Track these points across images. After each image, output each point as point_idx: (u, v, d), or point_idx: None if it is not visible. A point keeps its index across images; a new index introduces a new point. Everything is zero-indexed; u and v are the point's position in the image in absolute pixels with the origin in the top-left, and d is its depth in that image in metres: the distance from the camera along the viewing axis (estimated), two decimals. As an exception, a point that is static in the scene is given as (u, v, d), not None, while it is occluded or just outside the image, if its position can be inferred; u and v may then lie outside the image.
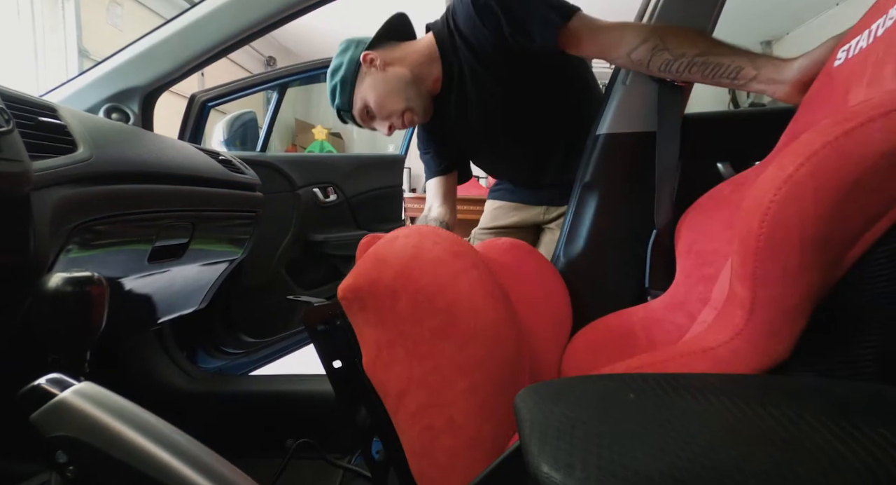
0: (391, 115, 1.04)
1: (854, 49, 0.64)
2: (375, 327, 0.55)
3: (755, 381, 0.39)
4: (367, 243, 0.71)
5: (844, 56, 0.66)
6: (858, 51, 0.63)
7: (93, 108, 1.00)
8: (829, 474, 0.24)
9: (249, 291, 1.31)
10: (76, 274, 0.51)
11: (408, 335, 0.54)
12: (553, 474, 0.26)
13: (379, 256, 0.55)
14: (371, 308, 0.55)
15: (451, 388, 0.52)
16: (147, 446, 0.41)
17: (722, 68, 0.75)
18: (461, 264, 0.56)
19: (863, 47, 0.62)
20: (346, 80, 1.04)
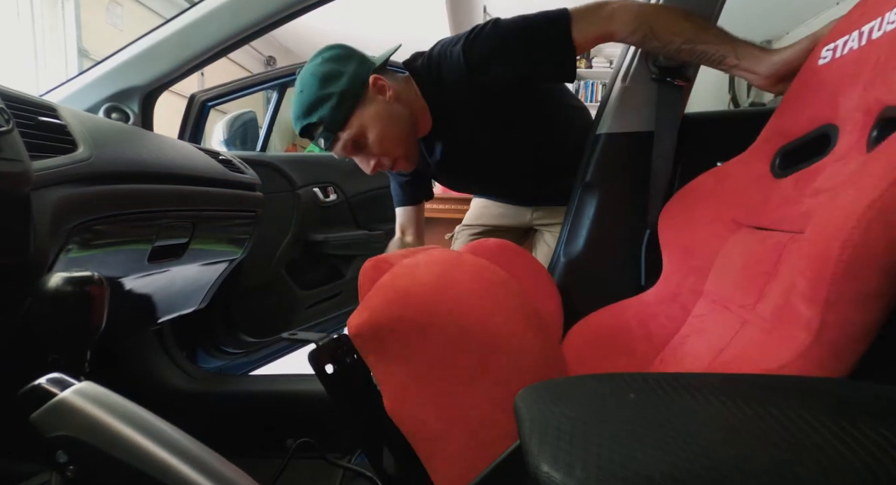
0: (385, 155, 0.94)
1: (842, 49, 0.64)
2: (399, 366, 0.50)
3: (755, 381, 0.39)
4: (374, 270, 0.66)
5: (830, 55, 0.66)
6: (848, 51, 0.63)
7: (93, 107, 1.00)
8: (830, 474, 0.24)
9: (249, 290, 1.31)
10: (76, 274, 0.51)
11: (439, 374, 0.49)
12: (553, 474, 0.26)
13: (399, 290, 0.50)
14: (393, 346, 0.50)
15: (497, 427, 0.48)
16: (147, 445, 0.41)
17: (707, 55, 0.80)
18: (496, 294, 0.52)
19: (853, 48, 0.62)
20: (347, 96, 0.88)
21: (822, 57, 0.68)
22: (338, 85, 0.88)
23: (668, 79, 0.94)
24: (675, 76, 0.93)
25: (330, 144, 0.91)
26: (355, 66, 0.90)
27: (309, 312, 1.46)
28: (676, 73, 0.93)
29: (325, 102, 0.88)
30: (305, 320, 1.47)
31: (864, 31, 0.59)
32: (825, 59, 0.67)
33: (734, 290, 0.70)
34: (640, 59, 0.96)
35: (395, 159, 0.95)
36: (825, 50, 0.67)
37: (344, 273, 1.55)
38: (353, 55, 0.92)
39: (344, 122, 0.89)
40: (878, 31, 0.57)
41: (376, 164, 0.95)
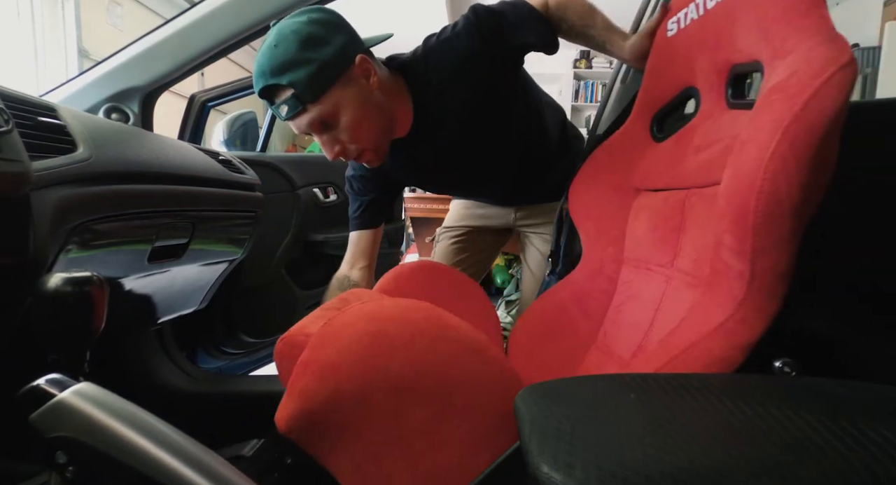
0: (353, 144, 0.85)
1: (685, 20, 0.71)
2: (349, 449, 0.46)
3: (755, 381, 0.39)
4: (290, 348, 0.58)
5: (676, 27, 0.73)
6: (690, 22, 0.70)
7: (93, 108, 1.00)
8: (829, 474, 0.24)
9: (249, 291, 1.31)
10: (76, 274, 0.51)
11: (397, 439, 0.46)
12: (553, 474, 0.26)
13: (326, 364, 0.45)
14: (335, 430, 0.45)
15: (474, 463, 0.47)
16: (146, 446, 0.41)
17: (593, 40, 0.88)
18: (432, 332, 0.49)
19: (694, 19, 0.69)
20: (328, 67, 0.78)
21: (668, 30, 0.75)
22: (321, 52, 0.78)
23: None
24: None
25: (293, 114, 0.80)
26: (345, 39, 0.81)
27: (309, 312, 1.46)
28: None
29: (302, 66, 0.76)
30: (305, 321, 1.47)
31: (699, 2, 0.67)
32: (672, 31, 0.74)
33: (650, 251, 0.74)
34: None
35: (363, 151, 0.88)
36: (670, 23, 0.74)
37: (344, 273, 1.55)
38: (343, 26, 0.82)
39: (318, 95, 0.79)
40: (711, 1, 0.65)
41: (340, 150, 0.86)
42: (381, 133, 0.88)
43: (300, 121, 0.81)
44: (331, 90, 0.79)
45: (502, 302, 2.47)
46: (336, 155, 0.86)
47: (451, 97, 0.90)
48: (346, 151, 0.87)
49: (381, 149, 0.90)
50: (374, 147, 0.88)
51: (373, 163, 0.91)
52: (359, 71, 0.82)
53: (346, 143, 0.85)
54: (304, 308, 1.44)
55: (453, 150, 0.98)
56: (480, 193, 1.23)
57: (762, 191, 0.41)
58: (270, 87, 0.78)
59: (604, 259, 0.89)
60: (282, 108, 0.80)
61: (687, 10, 0.70)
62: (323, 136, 0.84)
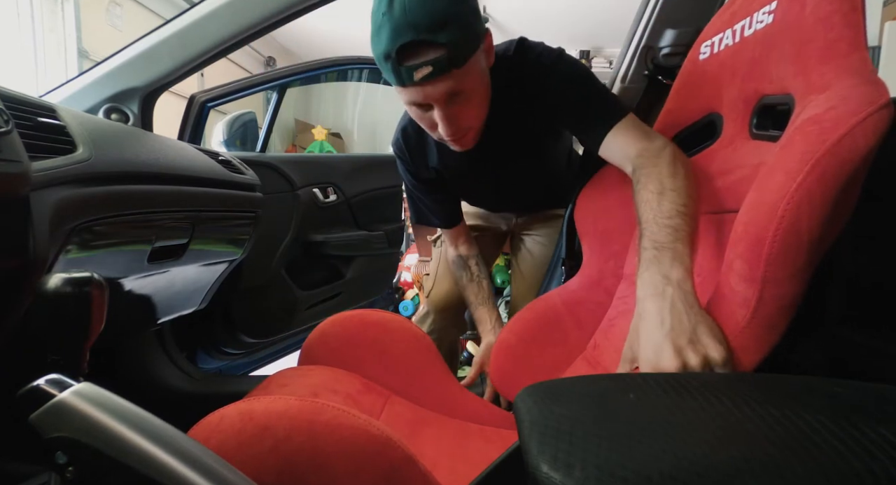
0: (470, 120, 0.80)
1: (719, 45, 0.70)
2: None
3: (755, 381, 0.39)
4: None
5: (709, 51, 0.72)
6: (724, 47, 0.69)
7: (92, 108, 1.00)
8: (830, 474, 0.24)
9: (249, 291, 1.31)
10: (75, 275, 0.51)
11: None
12: (553, 474, 0.26)
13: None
14: None
15: None
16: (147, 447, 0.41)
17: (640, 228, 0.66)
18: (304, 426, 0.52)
19: (729, 45, 0.68)
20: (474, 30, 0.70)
21: (701, 53, 0.74)
22: (470, 12, 0.69)
23: (660, 77, 0.94)
24: (667, 76, 0.94)
25: (434, 77, 0.68)
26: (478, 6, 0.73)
27: (309, 312, 1.46)
28: (668, 72, 0.94)
29: (456, 24, 0.65)
30: (305, 321, 1.47)
31: (737, 29, 0.66)
32: (705, 54, 0.73)
33: None
34: (640, 60, 0.96)
35: (469, 131, 0.82)
36: (704, 46, 0.73)
37: (344, 274, 1.55)
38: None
39: (465, 60, 0.69)
40: (749, 29, 0.63)
41: (455, 130, 0.78)
42: (485, 113, 0.84)
43: (435, 88, 0.70)
44: (474, 56, 0.71)
45: (502, 302, 2.47)
46: (449, 134, 0.78)
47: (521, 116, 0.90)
48: (459, 130, 0.79)
49: (478, 132, 0.86)
50: (479, 127, 0.84)
51: (467, 146, 0.86)
52: (487, 45, 0.76)
53: (462, 119, 0.78)
54: (303, 309, 1.44)
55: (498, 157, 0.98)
56: (497, 201, 1.23)
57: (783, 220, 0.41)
58: (418, 43, 0.66)
59: (604, 271, 0.89)
60: (421, 71, 0.67)
61: (723, 36, 0.69)
62: (445, 110, 0.75)
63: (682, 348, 0.46)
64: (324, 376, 0.82)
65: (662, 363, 0.46)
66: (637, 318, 0.54)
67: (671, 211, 0.59)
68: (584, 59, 4.79)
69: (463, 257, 1.16)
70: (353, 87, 4.85)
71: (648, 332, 0.50)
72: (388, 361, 0.92)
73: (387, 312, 1.00)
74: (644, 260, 0.57)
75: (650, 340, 0.49)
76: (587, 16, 4.01)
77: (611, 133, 0.79)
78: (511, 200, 1.19)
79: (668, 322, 0.48)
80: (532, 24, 4.26)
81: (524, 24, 4.25)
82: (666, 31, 0.94)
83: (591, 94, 0.83)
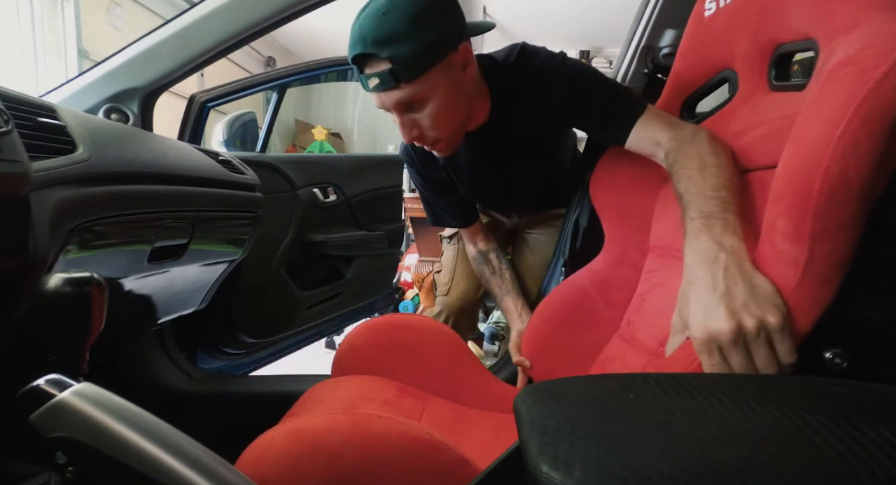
0: (433, 131, 0.83)
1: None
2: None
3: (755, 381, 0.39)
4: None
5: (714, 6, 0.70)
6: (731, 1, 0.67)
7: (92, 108, 1.00)
8: (830, 474, 0.24)
9: (249, 291, 1.31)
10: (75, 275, 0.51)
11: None
12: (553, 474, 0.26)
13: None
14: None
15: None
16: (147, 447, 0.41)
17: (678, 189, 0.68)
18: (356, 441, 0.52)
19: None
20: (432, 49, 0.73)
21: (706, 9, 0.71)
22: (431, 31, 0.73)
23: (659, 76, 0.94)
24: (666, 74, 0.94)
25: (382, 88, 0.76)
26: (455, 21, 0.77)
27: (309, 312, 1.46)
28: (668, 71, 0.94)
29: (407, 42, 0.71)
30: (305, 321, 1.47)
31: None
32: (710, 10, 0.71)
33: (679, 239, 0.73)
34: (640, 60, 0.96)
35: (439, 140, 0.85)
36: (708, 2, 0.71)
37: (344, 274, 1.55)
38: (456, 7, 0.77)
39: (416, 75, 0.74)
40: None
41: (418, 135, 0.83)
42: (460, 125, 0.86)
43: (387, 97, 0.78)
44: (429, 73, 0.75)
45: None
46: (413, 139, 0.84)
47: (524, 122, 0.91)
48: (424, 137, 0.84)
49: (455, 141, 0.88)
50: (450, 138, 0.86)
51: (443, 153, 0.90)
52: (459, 59, 0.78)
53: (425, 129, 0.82)
54: (303, 309, 1.44)
55: (503, 161, 0.99)
56: (504, 202, 1.24)
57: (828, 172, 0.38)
58: (367, 57, 0.74)
59: (627, 247, 0.87)
60: (371, 81, 0.75)
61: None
62: (404, 117, 0.81)
63: (737, 311, 0.44)
64: (359, 386, 0.82)
65: (714, 325, 0.44)
66: (686, 284, 0.51)
67: (716, 184, 0.58)
68: (584, 60, 4.79)
69: (483, 252, 1.18)
70: (353, 87, 4.84)
71: (700, 295, 0.48)
72: (421, 363, 0.92)
73: (413, 315, 1.01)
74: (692, 229, 0.55)
75: (702, 304, 0.47)
76: (587, 16, 4.00)
77: (637, 126, 0.78)
78: (517, 200, 1.20)
79: (722, 285, 0.46)
80: (532, 24, 4.26)
81: (524, 24, 4.25)
82: (666, 31, 0.94)
83: (605, 92, 0.82)
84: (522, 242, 1.29)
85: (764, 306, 0.44)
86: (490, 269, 1.16)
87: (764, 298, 0.45)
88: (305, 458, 0.51)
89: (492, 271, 1.16)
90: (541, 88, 0.86)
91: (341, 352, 0.94)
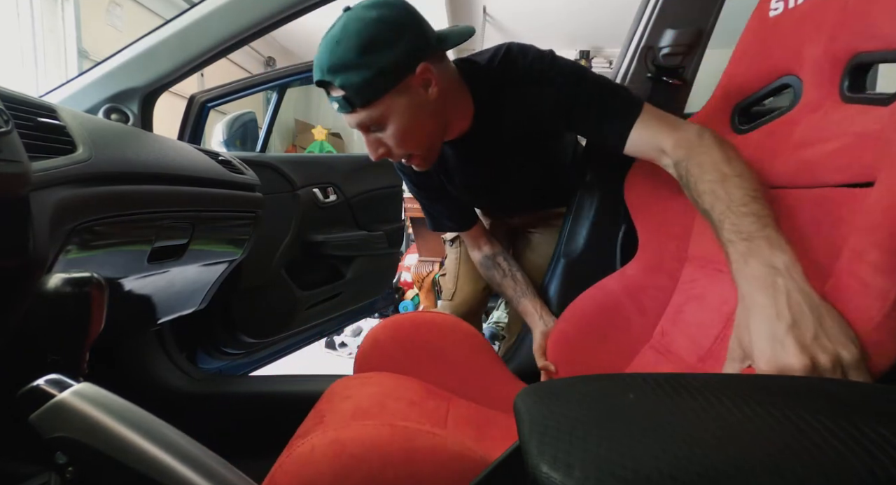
0: (399, 148, 0.83)
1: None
2: None
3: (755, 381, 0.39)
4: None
5: (782, 6, 0.65)
6: (802, 1, 0.62)
7: (92, 108, 1.00)
8: (829, 474, 0.24)
9: (249, 291, 1.31)
10: (75, 275, 0.51)
11: None
12: (552, 474, 0.26)
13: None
14: None
15: None
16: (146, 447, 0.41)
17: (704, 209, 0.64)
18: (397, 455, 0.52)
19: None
20: (385, 76, 0.74)
21: (773, 9, 0.66)
22: (382, 58, 0.73)
23: (664, 78, 0.94)
24: (672, 76, 0.93)
25: (342, 112, 0.79)
26: (410, 43, 0.75)
27: (309, 312, 1.46)
28: (672, 73, 0.94)
29: (358, 70, 0.73)
30: (305, 321, 1.47)
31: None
32: (777, 10, 0.66)
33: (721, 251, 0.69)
34: (640, 60, 0.96)
35: (410, 157, 0.86)
36: (775, 1, 0.66)
37: (344, 274, 1.55)
38: (411, 28, 0.76)
39: (369, 101, 0.76)
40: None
41: (385, 152, 0.84)
42: (431, 140, 0.85)
43: (349, 119, 0.81)
44: (383, 98, 0.76)
45: (502, 301, 2.47)
46: (379, 157, 0.84)
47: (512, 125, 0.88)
48: (392, 154, 0.85)
49: (429, 156, 0.87)
50: (422, 153, 0.86)
51: (421, 167, 0.89)
52: (418, 81, 0.78)
53: (392, 147, 0.83)
54: (303, 309, 1.44)
55: (494, 165, 0.97)
56: (500, 205, 1.22)
57: None
58: (324, 82, 0.77)
59: (664, 255, 0.84)
60: (333, 104, 0.79)
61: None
62: (369, 136, 0.83)
63: (809, 345, 0.41)
64: (385, 384, 0.81)
65: (786, 360, 0.41)
66: (745, 312, 0.48)
67: (744, 198, 0.55)
68: (584, 60, 4.79)
69: (489, 256, 1.16)
70: (353, 87, 4.83)
71: (764, 326, 0.44)
72: (445, 363, 0.91)
73: (438, 313, 1.00)
74: (736, 254, 0.52)
75: (768, 336, 0.44)
76: (587, 16, 4.00)
77: (634, 129, 0.75)
78: (516, 202, 1.19)
79: (788, 315, 0.43)
80: (532, 24, 4.26)
81: (524, 24, 4.25)
82: (666, 31, 0.94)
83: (598, 93, 0.80)
84: (524, 242, 1.28)
85: (837, 340, 0.41)
86: (500, 272, 1.14)
87: (836, 331, 0.42)
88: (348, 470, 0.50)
89: (503, 275, 1.13)
90: (528, 91, 0.83)
91: (365, 347, 0.94)
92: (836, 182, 0.51)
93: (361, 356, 0.94)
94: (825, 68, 0.58)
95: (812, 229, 0.55)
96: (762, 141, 0.67)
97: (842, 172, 0.49)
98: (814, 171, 0.56)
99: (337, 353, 2.65)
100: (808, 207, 0.56)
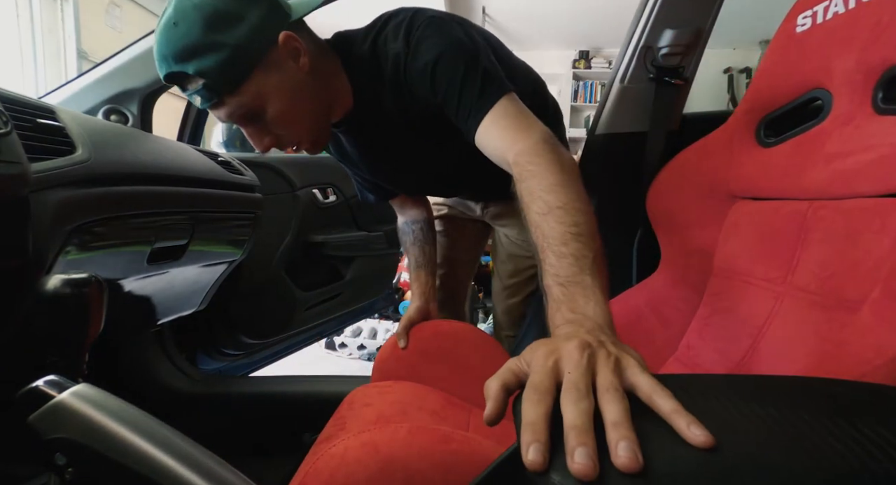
0: (286, 133, 0.75)
1: (824, 15, 0.63)
2: None
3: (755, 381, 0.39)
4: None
5: (810, 22, 0.65)
6: (832, 16, 0.62)
7: (92, 109, 1.00)
8: (828, 474, 0.24)
9: (249, 292, 1.31)
10: (75, 276, 0.51)
11: None
12: (552, 474, 0.26)
13: None
14: None
15: None
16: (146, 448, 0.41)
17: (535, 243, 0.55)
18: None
19: (838, 13, 0.61)
20: (245, 53, 0.65)
21: (799, 25, 0.67)
22: (234, 34, 0.64)
23: (666, 79, 0.94)
24: (673, 76, 0.94)
25: (210, 105, 0.69)
26: (264, 11, 0.66)
27: (308, 313, 1.46)
28: (674, 73, 0.94)
29: (211, 53, 0.64)
30: (305, 322, 1.47)
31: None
32: (804, 26, 0.66)
33: (752, 264, 0.68)
34: (639, 60, 0.96)
35: (299, 142, 0.77)
36: (801, 17, 0.66)
37: (343, 274, 1.55)
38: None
39: (236, 85, 0.67)
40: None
41: (272, 141, 0.75)
42: (316, 119, 0.77)
43: (221, 112, 0.70)
44: (251, 78, 0.67)
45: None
46: (267, 147, 0.75)
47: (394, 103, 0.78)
48: (280, 142, 0.76)
49: (319, 138, 0.79)
50: (311, 137, 0.77)
51: (312, 152, 0.81)
52: (284, 52, 0.68)
53: (278, 134, 0.75)
54: (303, 309, 1.44)
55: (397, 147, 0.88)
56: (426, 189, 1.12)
57: None
58: (175, 75, 0.66)
59: (688, 268, 0.83)
60: (195, 99, 0.68)
61: (829, 3, 0.62)
62: (249, 127, 0.73)
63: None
64: (405, 393, 0.80)
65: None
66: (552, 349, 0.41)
67: (564, 235, 0.50)
68: (584, 60, 4.79)
69: (408, 222, 1.11)
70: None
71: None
72: (465, 373, 0.90)
73: (457, 322, 0.99)
74: (552, 300, 0.46)
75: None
76: (587, 16, 4.01)
77: (483, 123, 0.66)
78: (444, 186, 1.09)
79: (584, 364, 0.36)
80: (531, 24, 4.26)
81: (524, 23, 4.26)
82: (665, 31, 0.94)
83: (459, 73, 0.68)
84: (496, 241, 1.24)
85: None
86: (411, 239, 1.09)
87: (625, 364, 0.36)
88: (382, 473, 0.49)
89: (411, 241, 1.09)
90: (397, 64, 0.73)
91: (384, 355, 0.93)
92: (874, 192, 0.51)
93: (380, 363, 0.93)
94: (857, 81, 0.58)
95: (849, 239, 0.55)
96: (791, 153, 0.67)
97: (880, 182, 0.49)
98: (850, 181, 0.56)
99: (337, 353, 2.65)
100: (843, 217, 0.56)
